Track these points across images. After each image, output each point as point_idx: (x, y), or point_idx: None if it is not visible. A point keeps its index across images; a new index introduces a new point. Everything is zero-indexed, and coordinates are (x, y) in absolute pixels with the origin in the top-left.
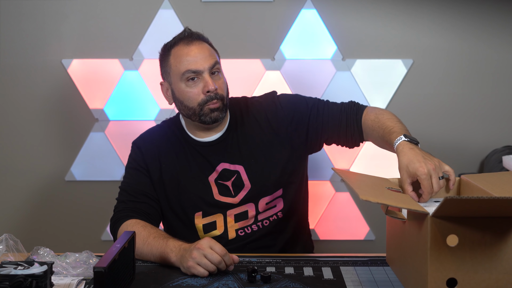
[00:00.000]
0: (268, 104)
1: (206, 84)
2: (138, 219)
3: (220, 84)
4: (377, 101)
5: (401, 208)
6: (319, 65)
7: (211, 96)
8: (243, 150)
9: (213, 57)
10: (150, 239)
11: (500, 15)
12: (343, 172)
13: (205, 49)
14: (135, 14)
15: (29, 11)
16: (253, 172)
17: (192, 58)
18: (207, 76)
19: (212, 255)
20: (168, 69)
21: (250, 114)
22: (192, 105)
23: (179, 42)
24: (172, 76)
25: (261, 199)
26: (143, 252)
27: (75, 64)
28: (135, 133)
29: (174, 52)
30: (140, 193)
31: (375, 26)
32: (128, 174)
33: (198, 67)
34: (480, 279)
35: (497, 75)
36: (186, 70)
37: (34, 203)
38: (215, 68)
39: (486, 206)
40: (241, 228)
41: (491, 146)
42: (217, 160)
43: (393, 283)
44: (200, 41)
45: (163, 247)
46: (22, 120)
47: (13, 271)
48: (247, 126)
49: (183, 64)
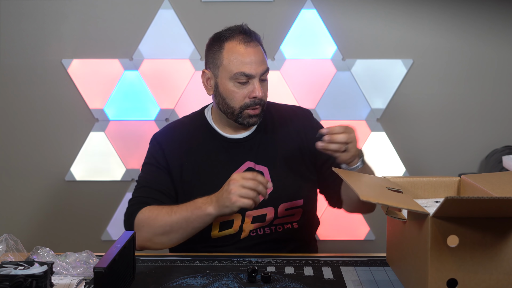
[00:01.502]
0: (304, 117)
1: (254, 90)
2: (153, 205)
3: (265, 90)
4: (377, 101)
5: (401, 208)
6: (319, 65)
7: (255, 101)
8: (270, 152)
9: (265, 63)
10: (174, 208)
11: (500, 15)
12: (343, 172)
13: (260, 53)
14: (135, 14)
15: (29, 11)
16: (276, 175)
17: (248, 61)
18: (257, 82)
19: (248, 182)
20: (217, 61)
21: (283, 119)
22: (233, 105)
23: (235, 37)
24: (221, 71)
25: (281, 204)
26: (173, 221)
27: (75, 64)
28: (135, 133)
29: (229, 47)
30: (157, 189)
31: (375, 26)
32: (146, 170)
33: (252, 72)
34: (481, 280)
35: (497, 75)
36: (240, 72)
37: (34, 203)
38: (264, 75)
39: (486, 206)
40: (255, 229)
41: (491, 146)
42: (243, 158)
43: (393, 283)
44: (256, 42)
45: (193, 205)
46: (22, 120)
47: (13, 271)
48: (278, 130)
49: (237, 65)
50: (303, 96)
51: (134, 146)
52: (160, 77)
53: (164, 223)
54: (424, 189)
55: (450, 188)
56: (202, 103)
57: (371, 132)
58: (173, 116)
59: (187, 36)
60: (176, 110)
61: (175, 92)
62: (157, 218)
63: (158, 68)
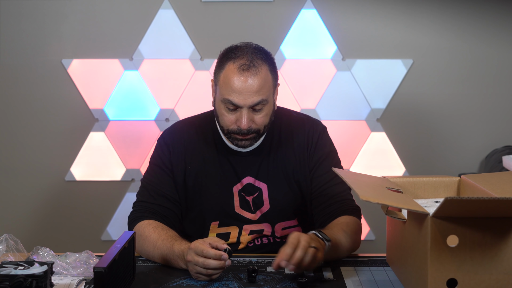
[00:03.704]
0: (310, 130)
1: (240, 121)
2: (152, 220)
3: (258, 119)
4: (377, 101)
5: (401, 208)
6: (319, 65)
7: (241, 131)
8: (271, 169)
9: (260, 94)
10: (159, 242)
11: (500, 15)
12: (343, 172)
13: (256, 83)
14: (135, 14)
15: (29, 11)
16: (274, 194)
17: (237, 89)
18: (245, 112)
19: (197, 265)
20: (217, 79)
21: (289, 132)
22: (222, 125)
23: (237, 61)
24: (218, 89)
25: (278, 223)
26: (155, 256)
27: (75, 64)
28: (135, 133)
29: (228, 70)
30: (161, 194)
31: (375, 26)
32: (151, 171)
33: (239, 102)
34: (480, 280)
35: (497, 75)
36: (227, 99)
37: (34, 203)
38: (258, 106)
39: (486, 206)
40: (252, 240)
41: (491, 146)
42: (244, 172)
43: (393, 283)
44: (255, 70)
45: (171, 249)
46: (22, 120)
47: (13, 271)
48: (283, 145)
49: (227, 91)
50: (303, 96)
51: (134, 146)
52: (160, 77)
53: (148, 252)
54: (424, 189)
55: (450, 188)
56: (202, 103)
57: (371, 132)
58: (173, 116)
59: (187, 36)
60: (176, 110)
61: (175, 92)
62: (145, 242)
63: (158, 68)
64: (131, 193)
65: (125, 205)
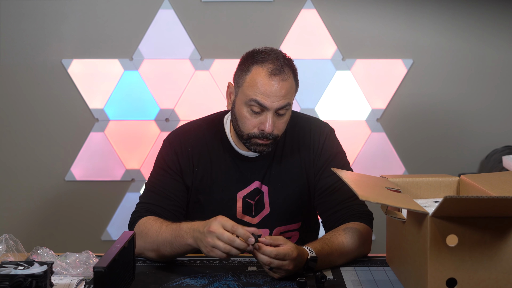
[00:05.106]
0: (316, 133)
1: (264, 124)
2: (151, 216)
3: (279, 125)
4: (377, 101)
5: (401, 208)
6: (319, 65)
7: (264, 134)
8: (276, 173)
9: (287, 98)
10: (163, 227)
11: (500, 15)
12: (343, 172)
13: (284, 87)
14: (135, 14)
15: (29, 11)
16: (275, 197)
17: (266, 91)
18: (270, 115)
19: (224, 235)
20: (240, 81)
21: (296, 135)
22: (243, 129)
23: (265, 65)
24: (241, 92)
25: (277, 228)
26: (159, 242)
27: (75, 64)
28: (135, 133)
29: (255, 72)
30: (163, 196)
31: (375, 26)
32: (156, 174)
33: (266, 103)
34: (480, 279)
35: (497, 75)
36: (254, 99)
37: (34, 203)
38: (282, 110)
39: (485, 205)
40: None
41: (491, 146)
42: (252, 177)
43: (393, 283)
44: (284, 75)
45: (177, 230)
46: (22, 120)
47: (13, 271)
48: (289, 149)
49: (254, 92)
50: (303, 96)
51: (134, 146)
52: (160, 77)
53: (153, 241)
54: (424, 189)
55: (449, 188)
56: (202, 103)
57: (371, 132)
58: (173, 116)
59: (187, 36)
60: (176, 110)
61: (175, 92)
62: (148, 234)
63: (158, 68)
64: (131, 193)
65: (125, 205)
